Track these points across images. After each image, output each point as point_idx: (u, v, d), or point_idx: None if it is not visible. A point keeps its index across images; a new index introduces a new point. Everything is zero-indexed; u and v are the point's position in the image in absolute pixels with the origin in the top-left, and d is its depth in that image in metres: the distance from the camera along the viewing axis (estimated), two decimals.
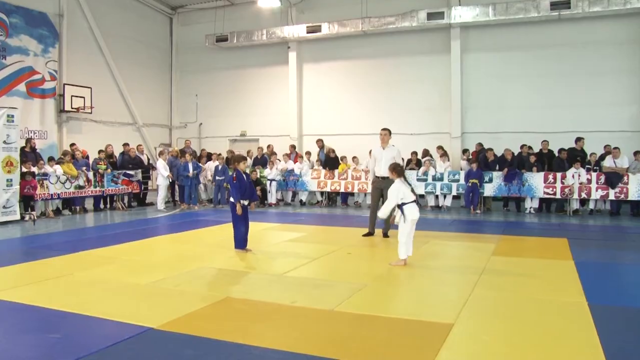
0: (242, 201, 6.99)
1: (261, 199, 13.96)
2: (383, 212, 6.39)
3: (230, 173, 7.04)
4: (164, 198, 13.10)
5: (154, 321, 3.97)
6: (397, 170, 6.32)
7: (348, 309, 4.38)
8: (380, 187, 8.54)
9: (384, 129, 8.44)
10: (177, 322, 4.00)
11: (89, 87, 16.09)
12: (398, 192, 6.09)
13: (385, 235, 8.25)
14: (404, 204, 6.08)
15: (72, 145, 13.49)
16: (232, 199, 7.04)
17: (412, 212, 6.05)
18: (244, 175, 7.02)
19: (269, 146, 15.94)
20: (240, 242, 7.06)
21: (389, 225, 8.30)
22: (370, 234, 8.35)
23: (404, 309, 4.40)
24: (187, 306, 4.40)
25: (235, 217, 7.04)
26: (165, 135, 20.29)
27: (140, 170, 13.63)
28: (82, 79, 16.03)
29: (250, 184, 7.09)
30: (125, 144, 14.30)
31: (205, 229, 9.44)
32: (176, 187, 13.96)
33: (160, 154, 13.41)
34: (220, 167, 13.76)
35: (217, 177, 13.78)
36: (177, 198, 13.97)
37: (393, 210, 6.20)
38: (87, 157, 13.27)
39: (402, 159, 13.52)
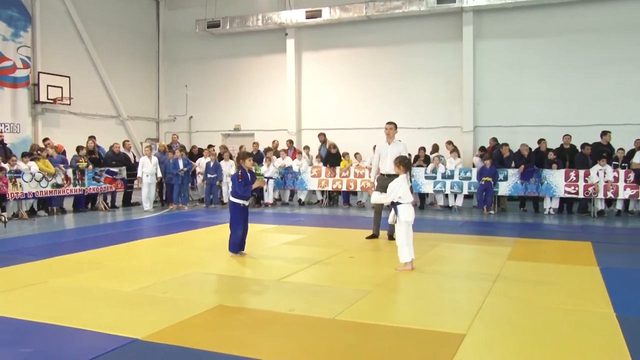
0: (241, 201, 7.00)
1: (257, 198, 13.99)
2: (374, 198, 6.52)
3: (235, 171, 7.05)
4: (149, 197, 13.07)
5: (140, 332, 3.98)
6: (405, 164, 6.28)
7: (351, 317, 4.39)
8: (386, 186, 8.50)
9: (389, 123, 8.46)
10: (166, 332, 4.01)
11: (67, 77, 16.06)
12: (399, 189, 6.10)
13: (391, 237, 8.28)
14: (399, 203, 6.10)
15: (45, 140, 13.45)
16: (231, 198, 7.04)
17: (407, 213, 6.06)
18: (249, 174, 7.07)
19: (274, 142, 15.92)
20: (236, 245, 7.08)
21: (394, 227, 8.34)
22: (374, 236, 8.38)
23: (412, 318, 4.41)
24: (177, 315, 4.40)
25: (234, 218, 7.06)
26: (152, 129, 20.34)
27: (125, 167, 13.63)
28: (60, 67, 15.99)
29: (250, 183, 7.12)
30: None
31: (196, 231, 9.45)
32: (164, 185, 13.98)
33: (147, 150, 13.36)
34: (212, 163, 13.78)
35: (208, 175, 13.80)
36: (167, 197, 13.97)
37: (388, 208, 6.23)
38: (64, 153, 13.21)
39: (409, 154, 13.65)
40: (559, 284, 5.59)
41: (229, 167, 11.73)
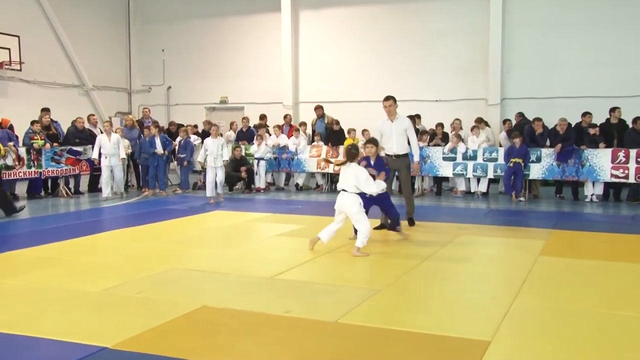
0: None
1: (247, 183, 13.99)
2: (381, 187, 6.91)
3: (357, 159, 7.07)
4: (108, 182, 12.67)
5: (109, 339, 4.00)
6: (352, 154, 6.84)
7: (356, 320, 4.42)
8: (395, 168, 8.77)
9: (387, 99, 8.56)
10: (139, 339, 4.03)
11: (15, 36, 15.83)
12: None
13: (411, 222, 8.53)
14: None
15: None
16: (376, 187, 6.88)
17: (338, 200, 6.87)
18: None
19: (286, 116, 15.82)
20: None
21: (412, 207, 8.75)
22: (383, 226, 8.48)
23: (427, 322, 4.43)
24: (152, 318, 4.43)
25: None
26: (123, 101, 20.31)
27: (90, 146, 13.59)
28: (6, 24, 15.69)
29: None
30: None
31: (175, 221, 9.48)
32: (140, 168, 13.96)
33: (106, 125, 13.13)
34: (182, 141, 13.73)
35: (180, 155, 13.79)
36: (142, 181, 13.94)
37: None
38: (11, 128, 13.03)
39: (426, 131, 13.68)
40: (600, 284, 5.61)
41: (217, 147, 11.60)
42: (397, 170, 8.87)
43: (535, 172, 12.54)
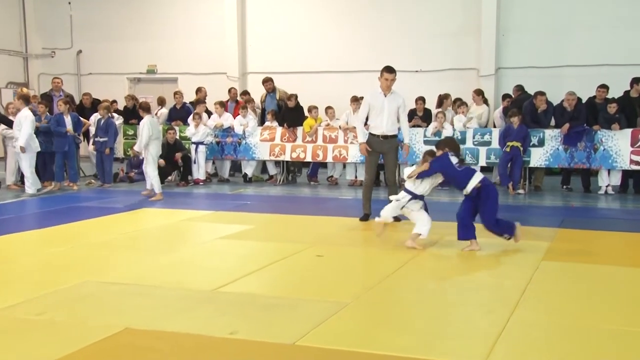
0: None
1: (183, 173, 13.89)
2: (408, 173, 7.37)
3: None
4: (14, 172, 12.73)
5: None
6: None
7: (319, 342, 4.44)
8: (381, 151, 9.11)
9: (391, 71, 8.80)
10: None
11: None
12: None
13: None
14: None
15: None
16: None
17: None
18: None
19: (231, 90, 15.70)
20: None
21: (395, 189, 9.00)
22: (367, 216, 8.96)
23: (407, 343, 4.48)
24: (60, 346, 4.37)
25: None
26: (17, 68, 19.90)
27: None
28: None
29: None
30: None
31: (90, 221, 9.38)
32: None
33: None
34: (102, 120, 13.54)
35: (97, 139, 13.61)
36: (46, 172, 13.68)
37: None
38: None
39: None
40: (615, 295, 5.74)
41: (155, 127, 11.35)
42: (383, 153, 9.12)
43: (537, 158, 12.66)
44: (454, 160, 7.34)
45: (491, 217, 7.39)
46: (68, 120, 13.15)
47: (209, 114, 14.87)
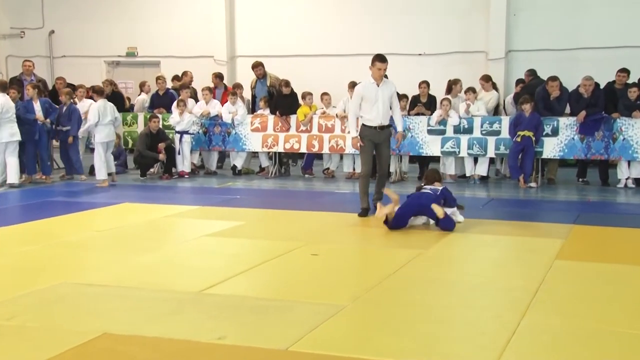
0: None
1: (166, 165, 13.88)
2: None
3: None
4: None
5: None
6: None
7: (313, 347, 4.45)
8: (376, 141, 9.30)
9: (384, 60, 8.99)
10: None
11: None
12: None
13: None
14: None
15: None
16: None
17: None
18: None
19: (218, 75, 15.66)
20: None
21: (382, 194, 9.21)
22: (365, 210, 9.21)
23: (408, 348, 4.49)
24: (33, 353, 4.37)
25: None
26: None
27: None
28: None
29: None
30: None
31: (65, 217, 9.37)
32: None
33: None
34: (64, 107, 13.47)
35: (60, 127, 13.55)
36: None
37: None
38: None
39: (406, 96, 13.72)
40: (632, 295, 5.76)
41: (109, 112, 11.18)
42: (379, 144, 9.32)
43: (551, 149, 12.63)
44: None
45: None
46: (37, 106, 13.11)
47: (196, 100, 14.86)
